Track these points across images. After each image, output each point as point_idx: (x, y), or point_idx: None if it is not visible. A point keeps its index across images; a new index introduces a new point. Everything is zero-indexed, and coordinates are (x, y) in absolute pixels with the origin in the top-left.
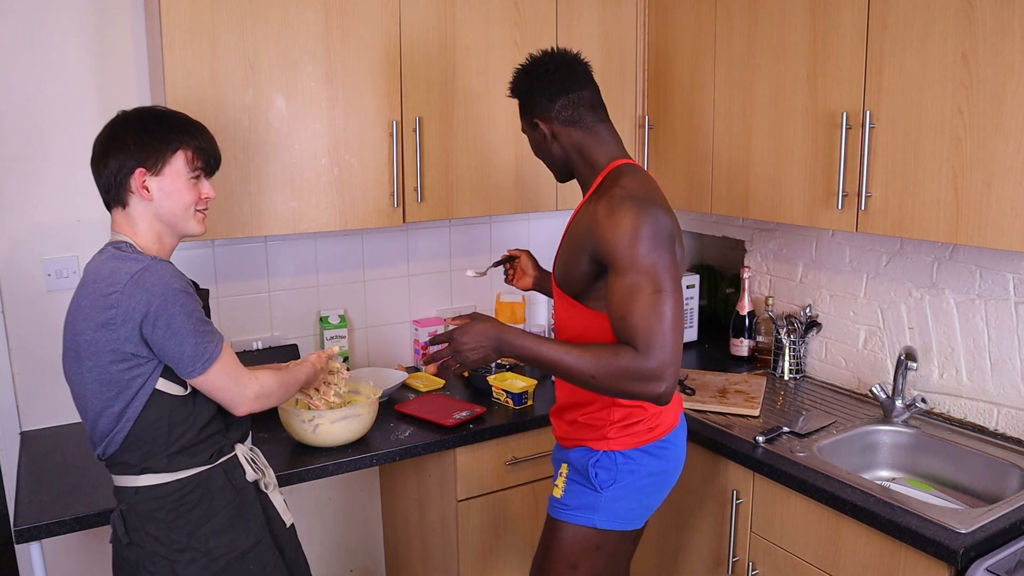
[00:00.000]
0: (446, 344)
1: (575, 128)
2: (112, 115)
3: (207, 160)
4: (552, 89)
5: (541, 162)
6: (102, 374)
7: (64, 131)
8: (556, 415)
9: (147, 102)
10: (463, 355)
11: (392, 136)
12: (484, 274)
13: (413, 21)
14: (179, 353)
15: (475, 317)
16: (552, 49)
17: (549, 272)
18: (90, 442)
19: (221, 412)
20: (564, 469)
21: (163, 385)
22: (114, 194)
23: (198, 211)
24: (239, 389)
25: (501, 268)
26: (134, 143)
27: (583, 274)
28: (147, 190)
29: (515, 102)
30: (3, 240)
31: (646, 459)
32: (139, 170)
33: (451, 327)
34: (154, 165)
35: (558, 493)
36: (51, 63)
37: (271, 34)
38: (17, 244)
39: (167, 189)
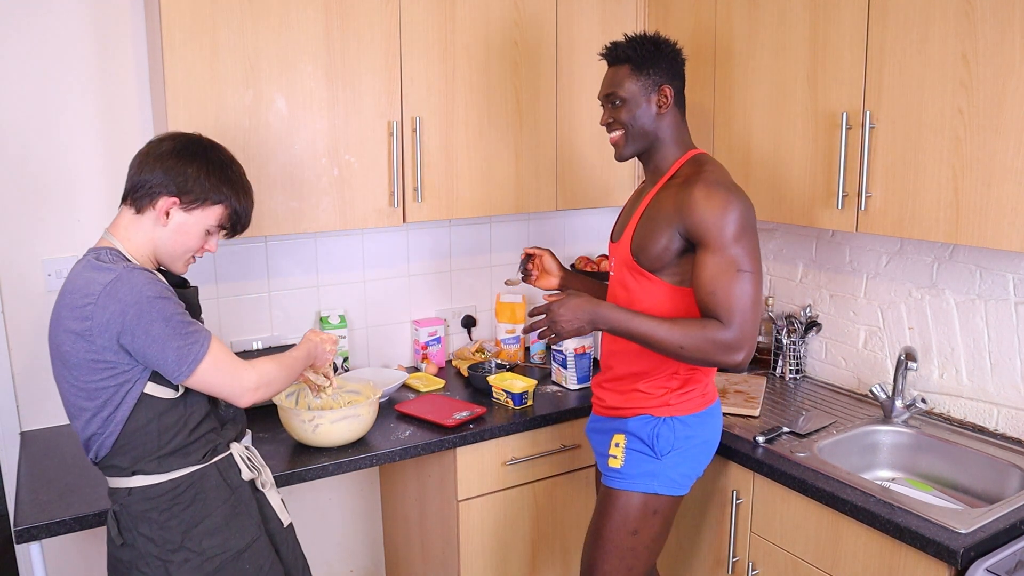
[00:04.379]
0: (544, 316)
1: (680, 110)
2: (112, 115)
3: (235, 225)
4: (680, 69)
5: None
6: (86, 383)
7: (64, 131)
8: (605, 386)
9: (147, 103)
10: (559, 325)
11: (392, 136)
12: (519, 281)
13: (413, 21)
14: (163, 359)
15: (571, 293)
16: (660, 36)
17: (573, 272)
18: (83, 446)
19: (214, 411)
20: (622, 440)
21: (152, 389)
22: (137, 198)
23: (192, 257)
24: (236, 382)
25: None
26: (192, 176)
27: (665, 250)
28: (166, 216)
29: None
30: (3, 240)
31: (699, 425)
32: (172, 199)
33: (548, 301)
34: (189, 204)
35: (617, 464)
36: (51, 64)
37: (271, 34)
38: (17, 244)
39: (183, 228)
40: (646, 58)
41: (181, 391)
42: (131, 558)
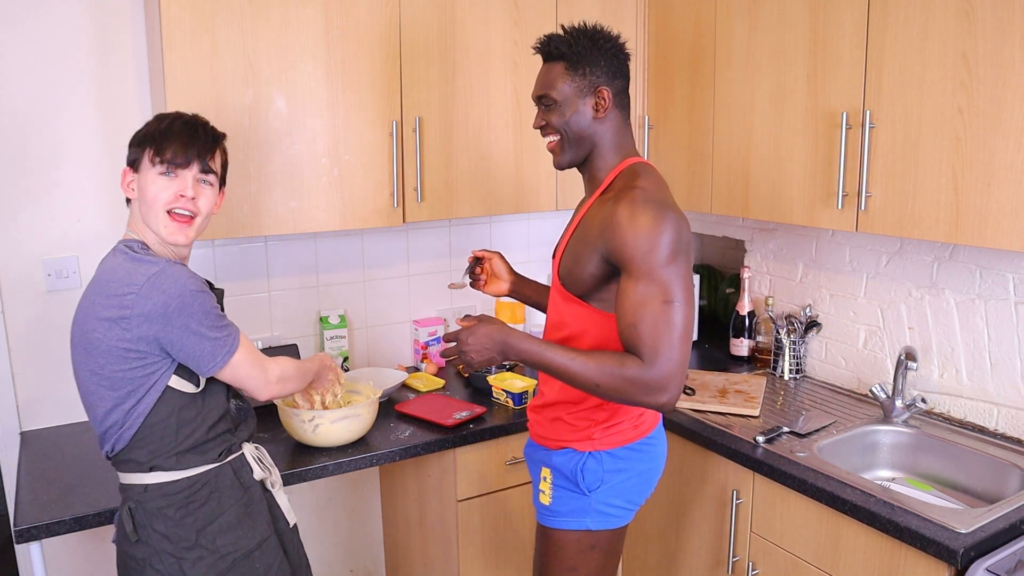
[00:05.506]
0: (454, 343)
1: (621, 113)
2: (111, 116)
3: (165, 155)
4: (619, 67)
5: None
6: (114, 372)
7: (64, 131)
8: (537, 411)
9: (147, 102)
10: (468, 356)
11: (392, 136)
12: (464, 285)
13: (413, 21)
14: (199, 351)
15: (483, 319)
16: (601, 28)
17: (526, 277)
18: (98, 440)
19: (229, 411)
20: (548, 474)
21: (175, 382)
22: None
23: (171, 213)
24: (262, 375)
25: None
26: (129, 143)
27: (591, 275)
28: (132, 190)
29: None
30: (3, 240)
31: (633, 457)
32: (125, 169)
33: (459, 327)
34: (134, 162)
35: (546, 500)
36: (51, 64)
37: (271, 34)
38: (17, 244)
39: (140, 188)
40: (582, 55)
41: (202, 386)
42: (145, 555)
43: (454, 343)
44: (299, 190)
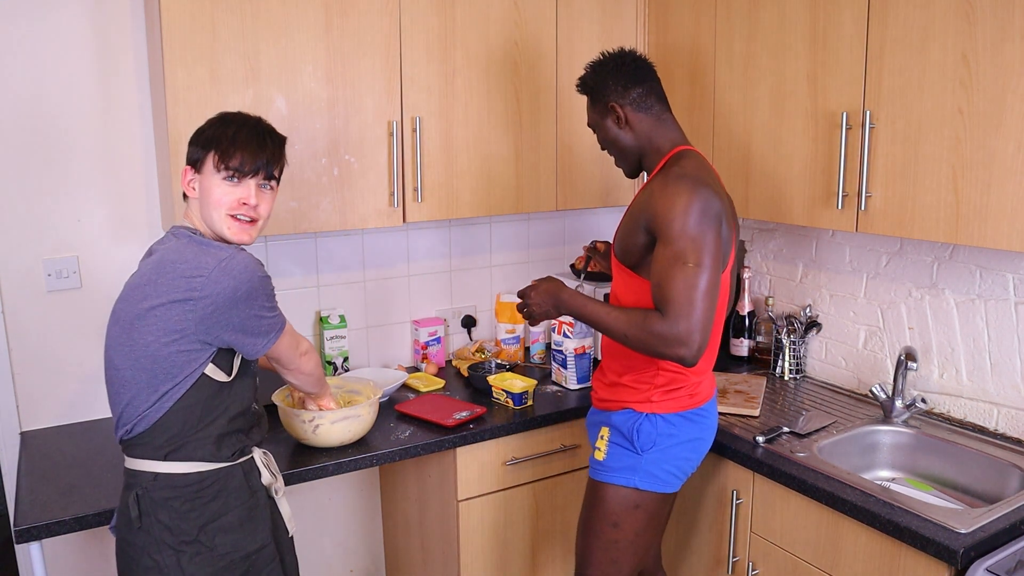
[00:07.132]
0: (521, 300)
1: (646, 115)
2: (111, 116)
3: (231, 162)
4: (627, 79)
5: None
6: (157, 352)
7: (64, 131)
8: (599, 378)
9: (147, 102)
10: (531, 308)
11: (392, 136)
12: (582, 284)
13: (413, 21)
14: (256, 330)
15: (546, 279)
16: (621, 49)
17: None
18: (116, 421)
19: (247, 411)
20: (606, 432)
21: (210, 370)
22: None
23: (233, 216)
24: (298, 347)
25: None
26: (191, 142)
27: (638, 246)
28: (193, 188)
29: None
30: (3, 240)
31: (685, 424)
32: (186, 168)
33: (530, 284)
34: (195, 164)
35: (600, 456)
36: (51, 63)
37: (271, 34)
38: (17, 244)
39: (202, 188)
40: (593, 86)
41: (233, 375)
42: (144, 543)
43: (521, 299)
44: (299, 190)
